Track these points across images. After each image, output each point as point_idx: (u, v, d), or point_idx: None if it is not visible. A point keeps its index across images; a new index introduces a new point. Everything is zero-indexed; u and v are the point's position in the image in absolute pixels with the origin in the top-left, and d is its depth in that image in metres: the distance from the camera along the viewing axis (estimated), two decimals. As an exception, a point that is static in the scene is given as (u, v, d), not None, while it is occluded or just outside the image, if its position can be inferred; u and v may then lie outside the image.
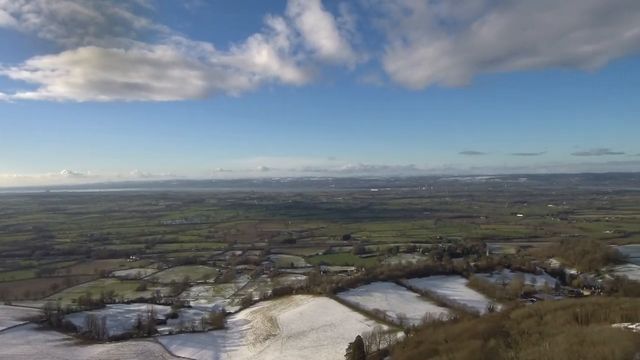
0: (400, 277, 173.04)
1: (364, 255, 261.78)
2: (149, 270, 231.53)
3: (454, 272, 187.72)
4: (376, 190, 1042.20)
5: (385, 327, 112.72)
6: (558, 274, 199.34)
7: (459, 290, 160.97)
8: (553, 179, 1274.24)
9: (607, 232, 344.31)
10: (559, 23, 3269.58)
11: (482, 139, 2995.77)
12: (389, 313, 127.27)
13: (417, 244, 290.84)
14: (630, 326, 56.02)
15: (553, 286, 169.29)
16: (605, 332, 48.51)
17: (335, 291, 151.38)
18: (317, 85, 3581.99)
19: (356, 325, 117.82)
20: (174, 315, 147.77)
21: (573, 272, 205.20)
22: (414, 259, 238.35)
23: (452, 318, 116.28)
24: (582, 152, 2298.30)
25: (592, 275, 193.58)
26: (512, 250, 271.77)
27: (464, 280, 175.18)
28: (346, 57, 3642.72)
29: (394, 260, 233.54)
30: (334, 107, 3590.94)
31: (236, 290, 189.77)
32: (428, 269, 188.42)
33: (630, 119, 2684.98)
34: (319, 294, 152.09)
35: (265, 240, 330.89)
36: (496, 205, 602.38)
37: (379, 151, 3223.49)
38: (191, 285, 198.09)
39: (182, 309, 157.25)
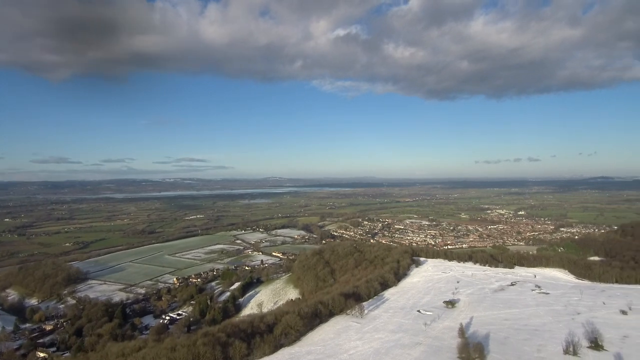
0: None
1: None
2: None
3: None
4: None
5: None
6: (18, 309, 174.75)
7: None
8: (11, 187, 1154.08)
9: (68, 244, 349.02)
10: (22, 24, 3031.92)
11: None
12: None
13: None
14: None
15: (12, 329, 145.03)
16: None
17: None
18: None
19: None
20: None
21: (34, 301, 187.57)
22: None
23: None
24: (42, 160, 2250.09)
25: (54, 302, 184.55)
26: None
27: None
28: None
29: None
30: None
31: None
32: None
33: (139, 131, 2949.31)
34: None
35: None
36: None
37: None
38: None
39: None
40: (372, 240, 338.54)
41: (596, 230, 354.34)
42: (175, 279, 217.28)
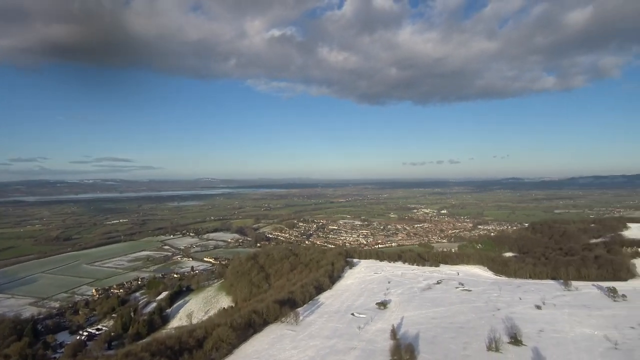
0: None
1: None
2: None
3: None
4: None
5: None
6: None
7: None
8: None
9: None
10: None
11: None
12: None
13: None
14: None
15: None
16: None
17: None
18: None
19: None
20: None
21: None
22: None
23: None
24: None
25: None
26: None
27: None
28: None
29: None
30: None
31: None
32: None
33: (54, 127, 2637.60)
34: None
35: None
36: None
37: None
38: None
39: None
40: (307, 242, 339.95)
41: (509, 227, 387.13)
42: (94, 290, 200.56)
